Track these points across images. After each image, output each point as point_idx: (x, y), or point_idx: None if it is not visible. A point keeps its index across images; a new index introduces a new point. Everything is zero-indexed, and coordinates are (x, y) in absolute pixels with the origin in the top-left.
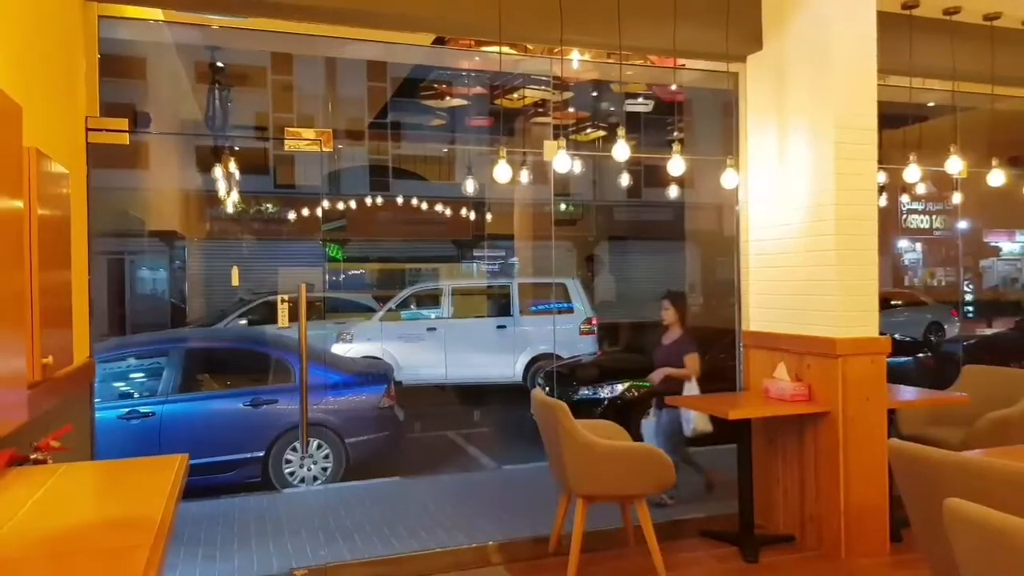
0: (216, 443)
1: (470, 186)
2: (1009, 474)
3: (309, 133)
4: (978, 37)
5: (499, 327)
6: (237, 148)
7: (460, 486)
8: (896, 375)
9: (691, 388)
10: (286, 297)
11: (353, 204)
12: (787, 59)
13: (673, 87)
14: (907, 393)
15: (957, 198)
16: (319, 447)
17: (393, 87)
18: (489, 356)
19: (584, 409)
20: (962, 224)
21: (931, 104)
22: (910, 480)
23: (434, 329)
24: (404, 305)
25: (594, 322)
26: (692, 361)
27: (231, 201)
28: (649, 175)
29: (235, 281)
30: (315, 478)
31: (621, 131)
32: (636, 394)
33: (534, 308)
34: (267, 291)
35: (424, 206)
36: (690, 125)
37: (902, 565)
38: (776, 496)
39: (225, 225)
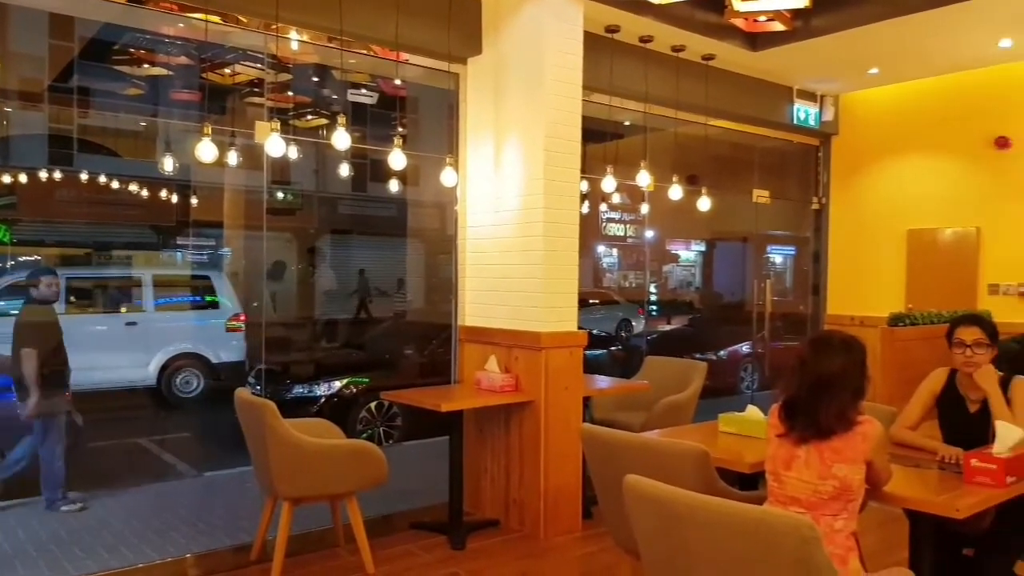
0: None
1: (168, 164)
2: (677, 451)
3: None
4: (667, 65)
5: (128, 324)
6: None
7: (151, 497)
8: (591, 366)
9: None
10: None
11: (24, 178)
12: (504, 66)
13: (397, 81)
14: (601, 382)
15: (645, 209)
16: None
17: (80, 47)
18: (114, 356)
19: (300, 407)
20: (649, 233)
21: (627, 123)
22: (597, 460)
23: None
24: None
25: (243, 319)
26: None
27: None
28: (375, 170)
29: None
30: None
31: (342, 119)
32: (355, 390)
33: (165, 301)
34: None
35: (116, 185)
36: (416, 122)
37: (591, 539)
38: (484, 484)
39: None
